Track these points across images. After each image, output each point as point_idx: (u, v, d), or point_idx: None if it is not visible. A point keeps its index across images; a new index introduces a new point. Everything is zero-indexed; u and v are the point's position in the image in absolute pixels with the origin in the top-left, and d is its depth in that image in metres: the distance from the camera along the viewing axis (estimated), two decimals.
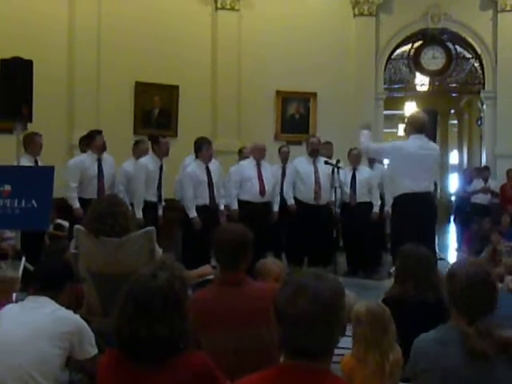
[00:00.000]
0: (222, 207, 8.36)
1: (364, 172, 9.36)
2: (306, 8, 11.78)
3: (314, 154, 8.95)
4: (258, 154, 8.72)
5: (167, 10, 11.14)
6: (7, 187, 5.65)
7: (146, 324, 2.31)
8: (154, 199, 8.12)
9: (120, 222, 4.16)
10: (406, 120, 7.31)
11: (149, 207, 8.01)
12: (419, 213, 6.45)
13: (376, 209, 9.21)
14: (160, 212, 8.26)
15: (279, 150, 9.94)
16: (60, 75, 10.42)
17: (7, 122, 7.64)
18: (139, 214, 7.82)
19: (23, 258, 6.00)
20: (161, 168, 8.15)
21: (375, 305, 3.05)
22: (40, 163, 7.83)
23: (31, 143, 7.71)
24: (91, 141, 8.04)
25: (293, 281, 2.00)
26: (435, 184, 8.26)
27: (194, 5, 11.53)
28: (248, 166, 8.72)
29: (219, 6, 11.62)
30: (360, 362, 2.93)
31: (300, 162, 9.07)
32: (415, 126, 6.72)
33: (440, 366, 2.59)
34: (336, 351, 2.11)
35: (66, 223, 8.23)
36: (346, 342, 2.74)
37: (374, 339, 2.93)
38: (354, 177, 9.30)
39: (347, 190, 9.14)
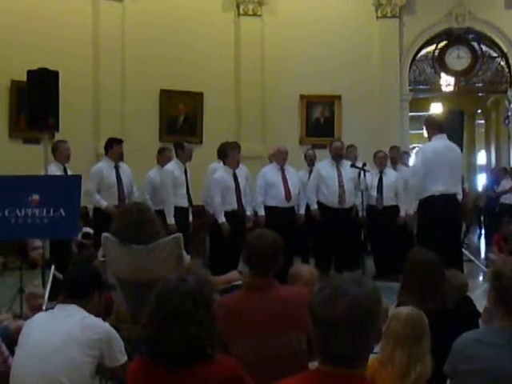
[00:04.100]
0: (248, 213, 8.36)
1: (391, 175, 9.20)
2: (328, 11, 11.76)
3: (337, 158, 8.90)
4: (280, 157, 8.69)
5: (190, 18, 11.21)
6: (35, 196, 5.68)
7: (177, 325, 2.31)
8: (184, 204, 8.14)
9: (147, 230, 4.16)
10: (424, 124, 7.27)
11: (179, 213, 8.00)
12: (445, 215, 6.39)
13: (402, 212, 8.96)
14: (191, 218, 8.29)
15: (305, 154, 9.95)
16: (86, 85, 10.56)
17: (34, 132, 7.71)
18: (171, 221, 7.81)
19: (52, 267, 6.06)
20: (185, 173, 8.16)
21: (417, 311, 3.01)
22: (69, 171, 7.89)
23: (57, 150, 7.79)
24: (109, 148, 8.10)
25: (330, 284, 1.97)
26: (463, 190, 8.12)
27: (216, 12, 11.61)
28: (271, 171, 8.70)
29: (242, 12, 11.68)
30: (383, 363, 2.88)
31: (323, 166, 9.02)
32: (436, 126, 6.74)
33: (490, 369, 2.54)
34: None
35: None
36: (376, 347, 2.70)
37: (405, 339, 2.87)
38: (380, 180, 9.17)
39: (374, 193, 9.08)
